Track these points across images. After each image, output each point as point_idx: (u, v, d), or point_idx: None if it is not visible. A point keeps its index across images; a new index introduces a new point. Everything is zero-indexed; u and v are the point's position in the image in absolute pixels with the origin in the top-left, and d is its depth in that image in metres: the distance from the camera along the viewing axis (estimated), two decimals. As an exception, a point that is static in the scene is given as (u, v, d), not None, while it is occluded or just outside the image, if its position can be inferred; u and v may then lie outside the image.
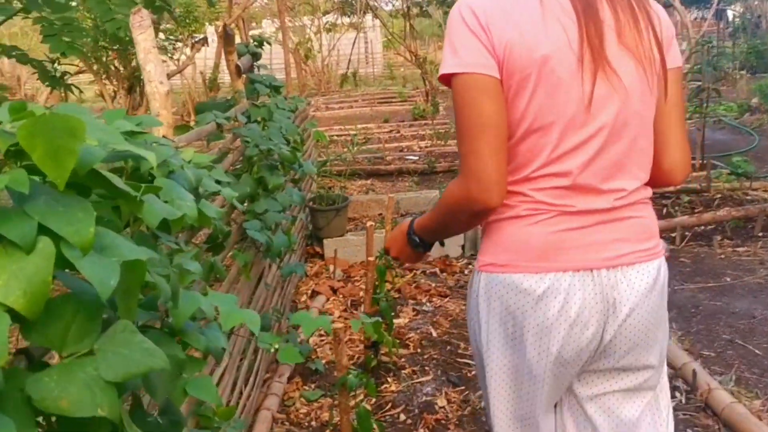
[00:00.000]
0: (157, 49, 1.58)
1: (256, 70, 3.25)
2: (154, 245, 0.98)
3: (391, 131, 10.46)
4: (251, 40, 3.17)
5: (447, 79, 1.18)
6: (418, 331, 3.34)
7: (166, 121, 1.66)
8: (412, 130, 10.24)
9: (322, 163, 5.35)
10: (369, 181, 6.93)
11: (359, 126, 11.21)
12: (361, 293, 3.65)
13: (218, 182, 1.79)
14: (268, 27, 22.32)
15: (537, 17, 1.14)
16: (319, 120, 12.83)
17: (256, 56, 3.13)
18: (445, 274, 4.16)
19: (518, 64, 1.13)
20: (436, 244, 1.48)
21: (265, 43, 3.24)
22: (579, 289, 1.18)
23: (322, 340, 3.32)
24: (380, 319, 3.16)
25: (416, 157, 8.10)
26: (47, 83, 2.40)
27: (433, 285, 3.94)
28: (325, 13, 18.64)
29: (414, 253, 1.46)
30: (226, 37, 2.80)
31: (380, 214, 5.60)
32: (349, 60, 19.56)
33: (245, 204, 2.28)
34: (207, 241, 1.81)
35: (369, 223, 3.52)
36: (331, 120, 12.64)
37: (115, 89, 11.51)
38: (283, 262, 3.44)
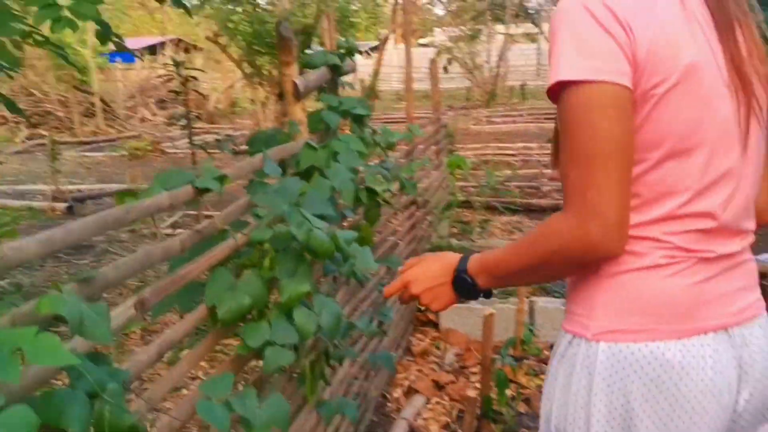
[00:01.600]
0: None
1: (341, 89, 2.35)
2: None
3: (554, 154, 9.19)
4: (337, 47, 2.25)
5: (556, 90, 0.90)
6: (544, 486, 2.24)
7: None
8: (578, 154, 8.91)
9: (447, 206, 4.35)
10: (516, 218, 5.81)
11: (519, 144, 10.07)
12: (474, 395, 2.61)
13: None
14: (438, 35, 21.67)
15: (680, 18, 0.93)
16: (479, 135, 11.90)
17: (337, 70, 2.22)
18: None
19: (663, 69, 0.89)
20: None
21: (355, 53, 2.32)
22: (722, 353, 0.95)
23: (404, 476, 2.33)
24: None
25: (579, 190, 6.85)
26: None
27: (578, 396, 2.80)
28: (473, 18, 17.81)
29: (454, 298, 1.11)
30: (279, 41, 1.90)
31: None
32: (498, 70, 18.42)
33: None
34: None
35: (488, 311, 2.51)
36: (491, 136, 11.72)
37: (267, 95, 11.24)
38: (366, 349, 2.50)
